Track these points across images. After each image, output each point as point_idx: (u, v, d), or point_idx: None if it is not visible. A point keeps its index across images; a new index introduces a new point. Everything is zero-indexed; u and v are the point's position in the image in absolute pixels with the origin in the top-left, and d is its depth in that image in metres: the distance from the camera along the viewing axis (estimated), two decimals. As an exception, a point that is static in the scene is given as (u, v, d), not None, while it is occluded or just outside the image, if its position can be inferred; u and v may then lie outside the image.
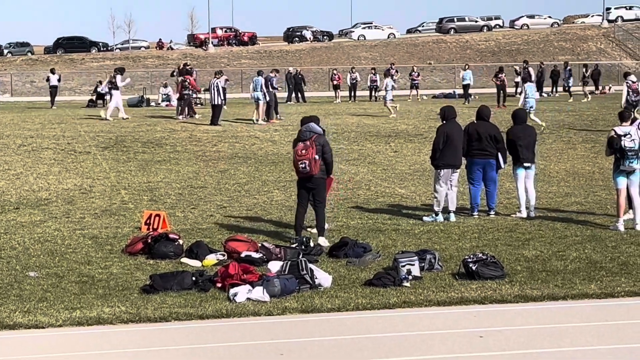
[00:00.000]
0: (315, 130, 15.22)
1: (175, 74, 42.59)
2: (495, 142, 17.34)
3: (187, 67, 43.04)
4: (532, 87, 35.79)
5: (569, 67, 57.64)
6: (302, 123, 15.54)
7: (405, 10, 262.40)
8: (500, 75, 48.95)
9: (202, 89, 45.03)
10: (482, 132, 17.33)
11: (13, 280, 12.76)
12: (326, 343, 10.14)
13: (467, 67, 56.43)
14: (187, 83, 40.84)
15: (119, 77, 41.49)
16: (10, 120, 41.45)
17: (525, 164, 17.39)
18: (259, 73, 41.19)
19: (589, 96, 53.86)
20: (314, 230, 15.67)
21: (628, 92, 32.20)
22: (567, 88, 55.83)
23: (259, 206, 18.83)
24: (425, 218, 17.05)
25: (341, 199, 19.62)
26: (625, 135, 15.93)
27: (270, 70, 43.62)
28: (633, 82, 32.66)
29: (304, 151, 15.02)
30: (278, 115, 41.14)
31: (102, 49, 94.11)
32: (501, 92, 48.38)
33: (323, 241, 15.08)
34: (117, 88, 41.28)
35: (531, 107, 34.11)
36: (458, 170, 17.20)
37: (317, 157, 15.00)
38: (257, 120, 39.10)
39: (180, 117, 40.94)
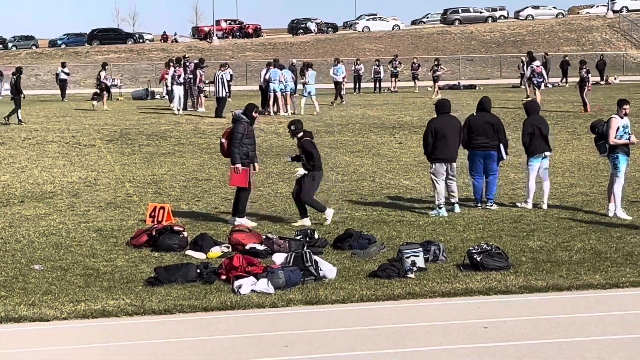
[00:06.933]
0: (236, 115, 16.51)
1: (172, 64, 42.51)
2: (497, 133, 17.18)
3: (185, 61, 42.99)
4: (313, 73, 40.22)
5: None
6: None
7: (410, 2, 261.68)
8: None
9: (207, 81, 44.96)
10: (483, 124, 17.17)
11: (18, 274, 12.78)
12: (331, 334, 10.14)
13: (337, 61, 48.77)
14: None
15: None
16: (15, 113, 41.43)
17: (547, 153, 17.27)
18: (281, 66, 40.66)
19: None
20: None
21: (533, 74, 38.48)
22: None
23: (263, 198, 18.82)
24: (430, 213, 16.86)
25: (346, 191, 19.60)
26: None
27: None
28: (537, 67, 38.66)
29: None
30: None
31: (138, 40, 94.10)
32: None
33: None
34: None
35: (310, 92, 39.26)
36: (454, 163, 16.99)
37: (224, 140, 16.27)
38: (287, 112, 38.91)
39: (183, 110, 40.88)
